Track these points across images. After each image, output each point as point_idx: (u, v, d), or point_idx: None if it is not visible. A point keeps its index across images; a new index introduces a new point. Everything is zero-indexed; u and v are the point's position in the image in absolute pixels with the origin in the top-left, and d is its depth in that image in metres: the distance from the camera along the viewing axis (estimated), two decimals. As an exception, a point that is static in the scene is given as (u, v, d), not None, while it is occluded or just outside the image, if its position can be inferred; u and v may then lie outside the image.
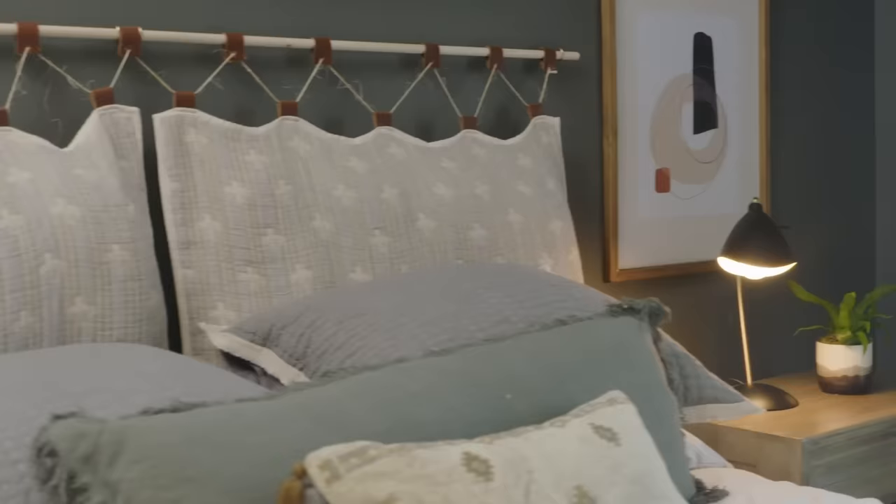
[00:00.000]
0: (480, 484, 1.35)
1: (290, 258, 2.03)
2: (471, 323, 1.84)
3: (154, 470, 1.30)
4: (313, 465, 1.31)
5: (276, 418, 1.42)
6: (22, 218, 1.73)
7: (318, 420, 1.44)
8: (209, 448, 1.34)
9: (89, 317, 1.79)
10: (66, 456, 1.31)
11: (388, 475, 1.32)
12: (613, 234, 2.70)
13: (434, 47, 2.34)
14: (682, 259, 2.85)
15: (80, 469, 1.31)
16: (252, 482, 1.33)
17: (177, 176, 1.98)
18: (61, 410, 1.38)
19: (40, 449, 1.32)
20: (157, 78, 2.00)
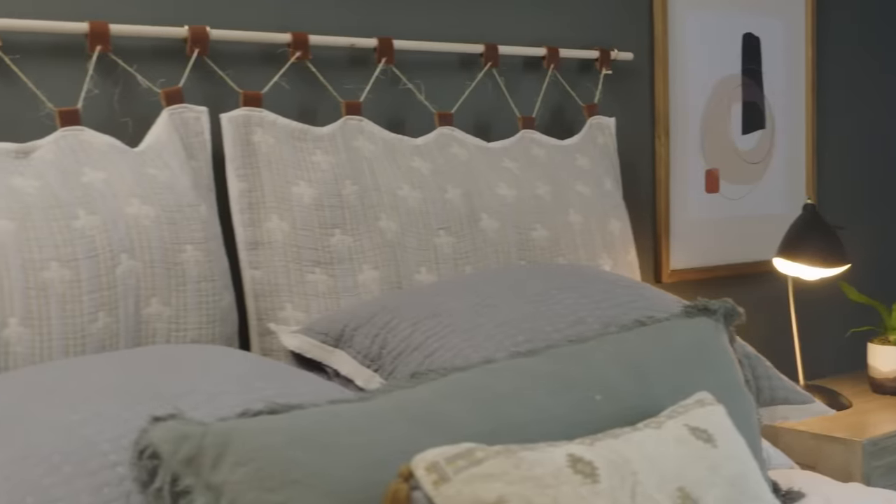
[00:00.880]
0: (587, 486, 1.33)
1: (358, 258, 2.01)
2: (547, 324, 1.82)
3: (259, 472, 1.28)
4: (420, 468, 1.29)
5: (375, 420, 1.40)
6: (98, 218, 1.72)
7: (416, 421, 1.42)
8: (312, 450, 1.32)
9: (164, 318, 1.77)
10: (168, 458, 1.29)
11: (496, 477, 1.30)
12: (665, 235, 2.69)
13: (493, 47, 2.32)
14: (731, 260, 2.84)
15: (183, 471, 1.29)
16: (355, 484, 1.31)
17: (244, 176, 1.96)
18: (160, 412, 1.37)
19: (142, 451, 1.30)
20: (224, 77, 1.99)
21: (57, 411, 1.40)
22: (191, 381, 1.50)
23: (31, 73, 1.81)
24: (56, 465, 1.31)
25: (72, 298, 1.67)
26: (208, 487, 1.29)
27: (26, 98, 1.81)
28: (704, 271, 2.78)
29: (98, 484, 1.31)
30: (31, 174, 1.71)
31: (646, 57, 2.68)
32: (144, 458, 1.29)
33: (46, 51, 1.84)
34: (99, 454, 1.33)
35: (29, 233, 1.66)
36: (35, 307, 1.64)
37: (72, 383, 1.47)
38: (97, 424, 1.37)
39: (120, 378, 1.49)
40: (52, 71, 1.84)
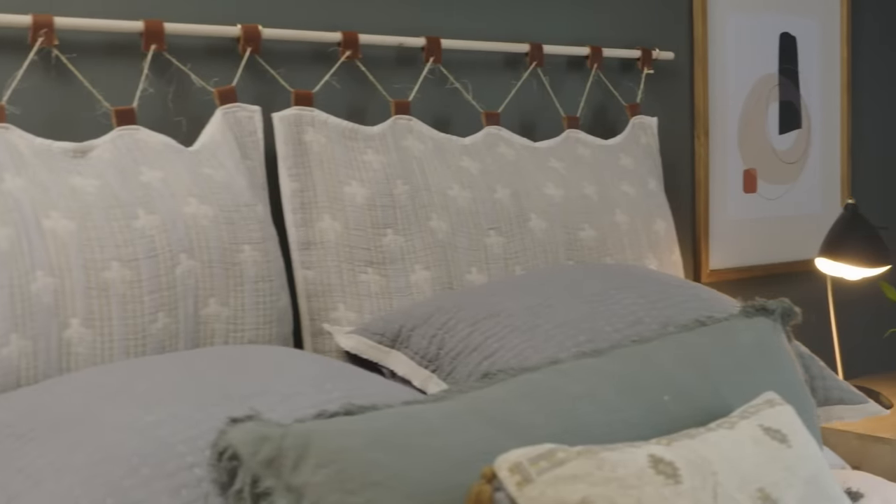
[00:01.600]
0: (670, 487, 1.32)
1: (410, 259, 2.00)
2: (606, 324, 1.81)
3: (341, 474, 1.27)
4: (503, 469, 1.28)
5: (451, 421, 1.39)
6: (157, 218, 1.70)
7: (491, 423, 1.41)
8: (392, 452, 1.31)
9: (222, 318, 1.76)
10: (248, 460, 1.27)
11: (580, 478, 1.29)
12: (704, 235, 2.68)
13: (538, 46, 2.31)
14: (768, 259, 2.83)
15: (263, 473, 1.27)
16: (436, 486, 1.30)
17: (296, 175, 1.95)
18: (236, 414, 1.36)
19: (221, 453, 1.28)
20: (275, 76, 1.98)
21: (130, 412, 1.38)
22: (262, 382, 1.49)
23: (86, 72, 1.80)
24: (134, 467, 1.30)
25: (132, 299, 1.66)
26: (289, 489, 1.27)
27: (82, 97, 1.80)
28: (742, 271, 2.77)
29: (176, 486, 1.30)
30: (89, 174, 1.70)
31: (685, 56, 2.67)
32: (224, 460, 1.28)
33: (102, 50, 1.82)
34: (176, 456, 1.32)
35: (90, 232, 1.65)
36: (96, 307, 1.63)
37: (141, 384, 1.46)
38: (172, 425, 1.36)
39: (189, 379, 1.48)
40: (108, 70, 1.83)
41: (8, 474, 1.32)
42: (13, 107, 1.72)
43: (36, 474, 1.31)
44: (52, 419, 1.39)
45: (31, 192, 1.63)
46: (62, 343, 1.60)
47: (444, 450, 1.34)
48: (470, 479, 1.29)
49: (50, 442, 1.35)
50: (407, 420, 1.38)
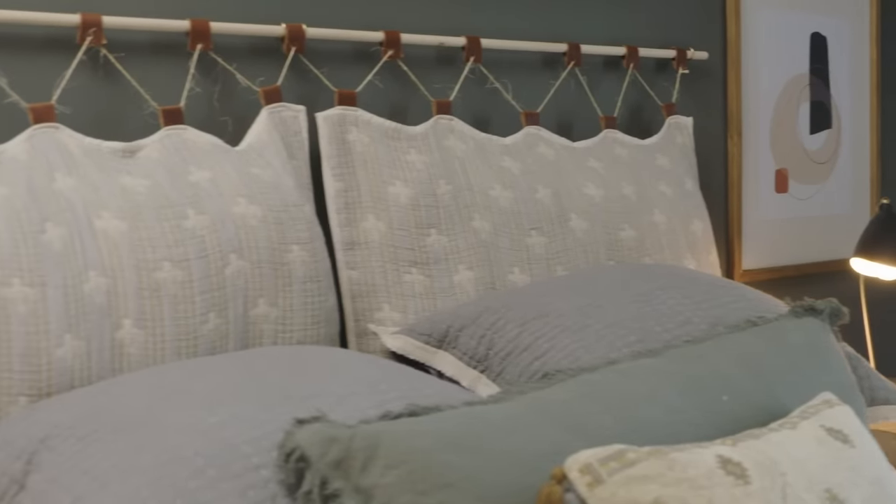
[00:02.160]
0: (740, 487, 1.31)
1: (453, 259, 1.99)
2: (656, 324, 1.80)
3: (412, 475, 1.26)
4: (574, 469, 1.27)
5: (517, 422, 1.38)
6: (207, 218, 1.69)
7: (557, 423, 1.40)
8: (463, 453, 1.30)
9: (271, 318, 1.75)
10: (316, 461, 1.26)
11: (651, 479, 1.28)
12: (737, 235, 2.67)
13: (576, 46, 2.30)
14: (799, 260, 2.82)
15: (332, 474, 1.26)
16: (506, 487, 1.29)
17: (340, 175, 1.94)
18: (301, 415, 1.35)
19: (289, 454, 1.27)
20: (319, 76, 1.97)
21: (192, 413, 1.37)
22: (318, 382, 1.47)
23: (133, 71, 1.79)
24: (200, 469, 1.29)
25: (184, 299, 1.65)
26: (357, 490, 1.26)
27: (129, 96, 1.79)
28: (773, 271, 2.76)
29: (243, 487, 1.28)
30: (139, 173, 1.69)
31: (718, 56, 2.66)
32: (291, 461, 1.27)
33: (148, 49, 1.81)
34: (241, 457, 1.31)
35: (141, 233, 1.64)
36: (148, 308, 1.62)
37: (200, 385, 1.45)
38: (235, 427, 1.35)
39: (247, 380, 1.47)
40: (154, 69, 1.82)
41: (73, 476, 1.31)
42: (63, 106, 1.70)
43: (101, 476, 1.30)
44: (114, 421, 1.38)
45: (82, 192, 1.62)
46: (115, 344, 1.59)
47: (512, 451, 1.33)
48: (539, 480, 1.28)
49: (113, 444, 1.34)
50: (473, 421, 1.37)
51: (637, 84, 2.45)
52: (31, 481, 1.35)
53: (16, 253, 1.53)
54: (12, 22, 1.66)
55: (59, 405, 1.45)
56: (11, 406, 1.51)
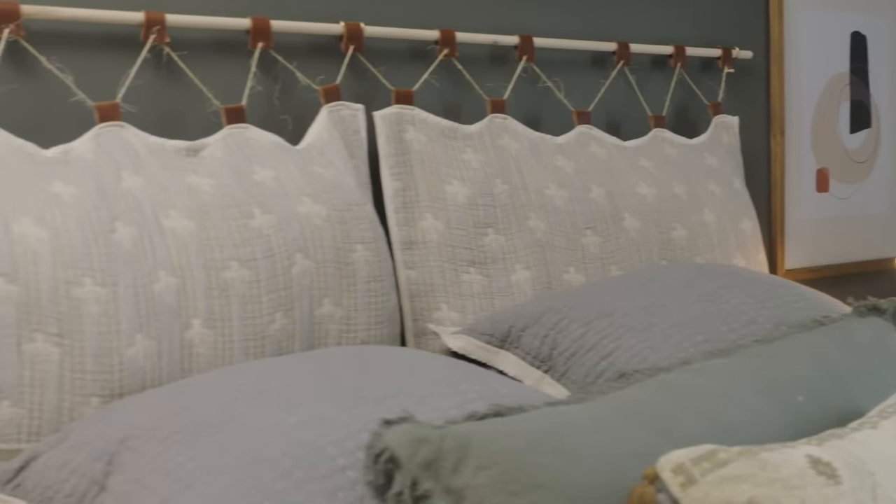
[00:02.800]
0: (831, 487, 1.30)
1: (510, 258, 1.98)
2: (721, 323, 1.79)
3: (503, 476, 1.25)
4: (666, 470, 1.25)
5: (601, 422, 1.37)
6: (273, 217, 1.68)
7: (642, 423, 1.39)
8: (551, 454, 1.29)
9: (336, 318, 1.74)
10: (407, 462, 1.25)
11: (743, 479, 1.27)
12: (780, 235, 2.67)
13: (625, 45, 2.29)
14: (839, 259, 2.82)
15: (422, 476, 1.25)
16: (597, 488, 1.28)
17: (398, 174, 1.93)
18: (379, 415, 1.34)
19: (378, 455, 1.26)
20: (376, 74, 1.95)
21: (272, 414, 1.36)
22: (396, 382, 1.46)
23: (195, 69, 1.77)
24: (287, 470, 1.27)
25: (252, 299, 1.64)
26: (448, 492, 1.25)
27: (191, 95, 1.78)
28: (814, 271, 2.75)
29: (332, 488, 1.27)
30: (204, 172, 1.68)
31: (761, 55, 2.65)
32: (381, 463, 1.26)
33: (210, 47, 1.80)
34: (327, 458, 1.29)
35: (209, 232, 1.62)
36: (217, 308, 1.61)
37: (276, 385, 1.44)
38: (318, 427, 1.33)
39: (323, 380, 1.46)
40: (215, 67, 1.80)
41: (157, 478, 1.30)
42: (128, 105, 1.69)
43: (186, 477, 1.28)
44: (195, 422, 1.37)
45: (149, 191, 1.60)
46: (184, 344, 1.58)
47: (600, 451, 1.32)
48: (627, 480, 1.27)
49: (196, 445, 1.32)
50: (560, 422, 1.36)
51: (683, 83, 2.44)
52: (113, 482, 1.34)
53: (87, 253, 1.52)
54: (77, 20, 1.65)
55: (137, 406, 1.43)
56: (84, 407, 1.50)
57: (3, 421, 1.44)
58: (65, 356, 1.48)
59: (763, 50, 2.65)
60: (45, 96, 1.65)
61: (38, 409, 1.48)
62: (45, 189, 1.53)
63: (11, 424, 1.45)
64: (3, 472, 1.41)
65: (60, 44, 1.66)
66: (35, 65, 1.64)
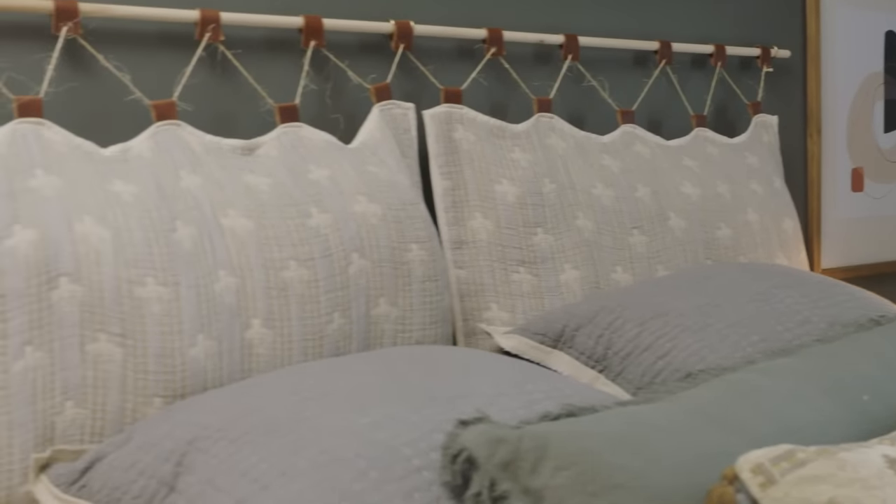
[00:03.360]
0: (910, 488, 1.29)
1: (559, 258, 1.97)
2: (776, 323, 1.78)
3: (582, 476, 1.24)
4: (745, 470, 1.25)
5: (675, 422, 1.36)
6: (330, 217, 1.67)
7: (714, 423, 1.38)
8: (628, 454, 1.28)
9: (391, 318, 1.73)
10: (485, 463, 1.24)
11: (823, 479, 1.26)
12: (817, 234, 2.66)
13: (667, 44, 2.29)
14: (874, 259, 2.81)
15: (500, 476, 1.24)
16: (674, 488, 1.27)
17: (448, 174, 1.92)
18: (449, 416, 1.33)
19: (455, 456, 1.25)
20: (426, 73, 1.95)
21: (342, 415, 1.35)
22: (462, 383, 1.45)
23: (249, 68, 1.76)
24: (363, 471, 1.26)
25: (310, 299, 1.63)
26: (526, 492, 1.24)
27: (245, 93, 1.77)
28: (849, 271, 2.75)
29: (408, 489, 1.26)
30: (260, 171, 1.67)
31: (798, 54, 2.64)
32: (458, 463, 1.25)
33: (262, 45, 1.79)
34: (402, 459, 1.28)
35: (267, 231, 1.61)
36: (276, 308, 1.60)
37: (342, 385, 1.43)
38: (391, 428, 1.32)
39: (388, 381, 1.45)
40: (268, 66, 1.79)
41: (231, 478, 1.29)
42: (184, 103, 1.68)
43: (262, 478, 1.27)
44: (265, 422, 1.36)
45: (208, 190, 1.59)
46: (244, 344, 1.57)
47: (676, 451, 1.31)
48: (704, 480, 1.26)
49: (268, 446, 1.31)
50: (633, 422, 1.35)
51: (723, 82, 2.44)
52: (183, 483, 1.33)
53: (149, 252, 1.51)
54: (133, 17, 1.64)
55: (204, 406, 1.42)
56: (147, 408, 1.49)
57: (66, 421, 1.44)
58: (128, 356, 1.47)
59: (800, 49, 2.64)
60: (102, 95, 1.64)
61: (102, 409, 1.47)
62: (105, 188, 1.52)
63: (75, 425, 1.44)
64: (68, 473, 1.40)
65: (117, 42, 1.65)
66: (92, 63, 1.63)
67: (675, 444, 1.32)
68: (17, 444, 1.40)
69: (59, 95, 1.60)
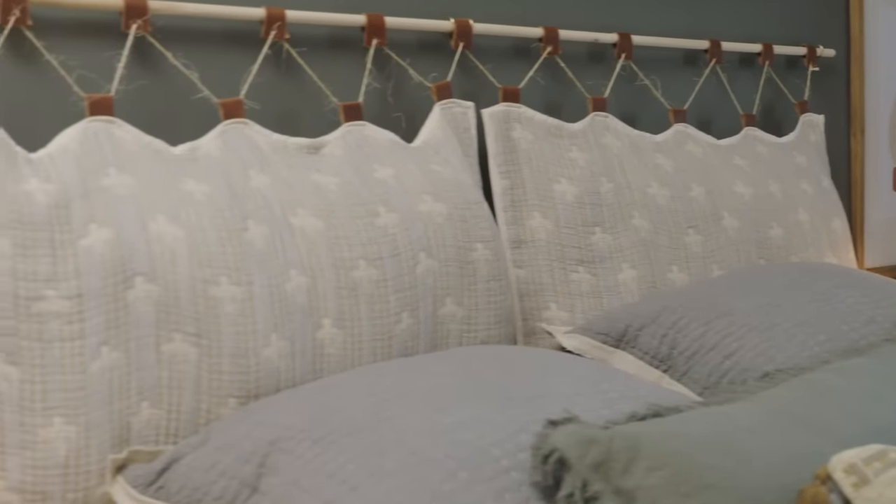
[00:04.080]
0: None
1: (617, 257, 1.97)
2: (842, 323, 1.77)
3: (675, 477, 1.23)
4: (838, 470, 1.24)
5: (760, 422, 1.36)
6: (397, 216, 1.66)
7: (798, 423, 1.37)
8: (718, 454, 1.27)
9: (457, 318, 1.72)
10: (576, 463, 1.23)
11: (917, 480, 1.25)
12: (860, 234, 2.65)
13: (717, 43, 2.28)
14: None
15: (591, 477, 1.23)
16: (765, 488, 1.26)
17: (506, 173, 1.91)
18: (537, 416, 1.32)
19: (546, 456, 1.24)
20: (484, 72, 1.94)
21: (425, 415, 1.34)
22: (539, 382, 1.44)
23: (313, 66, 1.75)
24: (452, 471, 1.25)
25: (379, 299, 1.62)
26: (618, 493, 1.23)
27: (308, 91, 1.76)
28: (891, 270, 2.74)
29: (499, 490, 1.25)
30: (327, 171, 1.66)
31: (842, 53, 2.64)
32: (550, 464, 1.24)
33: (325, 44, 1.78)
34: (491, 459, 1.27)
35: (337, 231, 1.60)
36: (346, 308, 1.59)
37: (420, 386, 1.42)
38: (476, 428, 1.31)
39: (463, 380, 1.44)
40: (331, 64, 1.78)
41: (318, 480, 1.28)
42: (251, 102, 1.67)
43: (349, 479, 1.26)
44: (348, 423, 1.35)
45: (277, 190, 1.58)
46: (316, 344, 1.56)
47: (766, 452, 1.30)
48: (794, 480, 1.25)
49: (353, 447, 1.30)
50: (719, 422, 1.34)
51: (771, 81, 2.43)
52: (267, 484, 1.32)
53: (222, 251, 1.50)
54: (202, 15, 1.63)
55: (282, 407, 1.41)
56: (221, 408, 1.48)
57: (142, 422, 1.43)
58: (202, 356, 1.46)
59: (844, 48, 2.63)
60: (170, 93, 1.63)
61: (177, 410, 1.46)
62: (177, 187, 1.51)
63: (150, 426, 1.43)
64: (145, 475, 1.39)
65: (184, 40, 1.64)
66: (160, 61, 1.62)
67: (764, 444, 1.31)
68: (95, 445, 1.39)
69: (129, 94, 1.59)
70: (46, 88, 1.53)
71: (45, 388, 1.37)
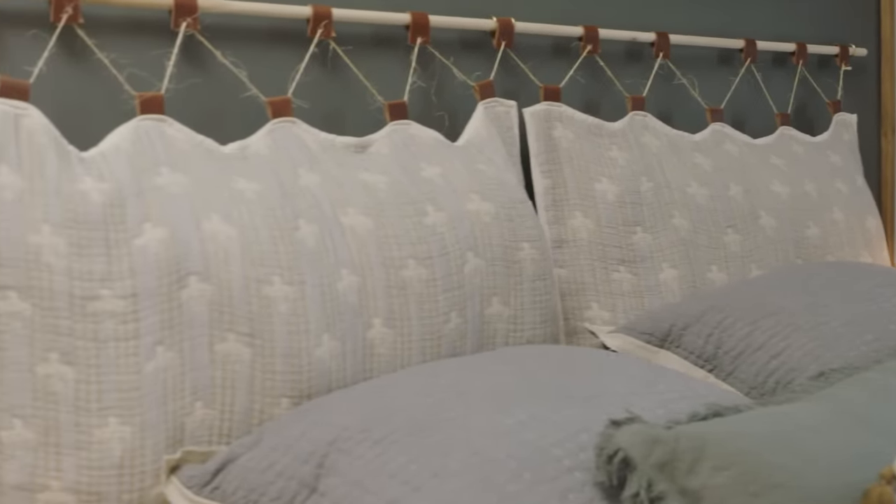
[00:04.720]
0: None
1: (657, 257, 1.96)
2: (889, 322, 1.77)
3: (743, 476, 1.22)
4: (904, 470, 1.23)
5: (822, 422, 1.35)
6: (445, 215, 1.65)
7: (859, 423, 1.36)
8: (783, 453, 1.27)
9: (504, 318, 1.71)
10: (641, 463, 1.23)
11: (981, 479, 1.25)
12: (891, 233, 2.65)
13: (752, 42, 2.27)
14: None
15: (656, 477, 1.23)
16: (830, 487, 1.25)
17: (548, 172, 1.90)
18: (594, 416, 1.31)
19: (611, 456, 1.23)
20: (526, 71, 1.93)
21: (486, 415, 1.33)
22: (595, 382, 1.44)
23: (358, 64, 1.75)
24: (516, 472, 1.24)
25: (428, 298, 1.61)
26: (683, 493, 1.22)
27: (353, 90, 1.75)
28: (919, 271, 2.74)
29: (562, 490, 1.24)
30: (375, 169, 1.65)
31: (873, 52, 2.63)
32: (614, 464, 1.24)
33: (370, 42, 1.78)
34: (553, 460, 1.27)
35: (386, 230, 1.60)
36: (396, 307, 1.58)
37: (477, 386, 1.41)
38: (537, 428, 1.31)
39: (519, 380, 1.43)
40: (375, 63, 1.78)
41: (380, 480, 1.27)
42: (299, 100, 1.66)
43: (412, 480, 1.25)
44: (407, 423, 1.34)
45: (326, 189, 1.58)
46: (366, 344, 1.55)
47: (831, 451, 1.29)
48: (858, 479, 1.25)
49: (415, 447, 1.30)
50: (781, 422, 1.34)
51: (804, 81, 2.43)
52: (327, 485, 1.31)
53: (274, 250, 1.49)
54: (250, 13, 1.62)
55: (338, 407, 1.40)
56: (274, 408, 1.47)
57: (196, 422, 1.42)
58: (256, 356, 1.45)
59: (875, 47, 2.63)
60: (219, 91, 1.63)
61: (230, 410, 1.45)
62: (229, 186, 1.50)
63: (204, 426, 1.43)
64: (200, 475, 1.38)
65: (232, 38, 1.63)
66: (208, 60, 1.61)
67: (827, 443, 1.30)
68: (149, 446, 1.38)
69: (179, 92, 1.58)
70: (98, 87, 1.52)
71: (101, 388, 1.36)
